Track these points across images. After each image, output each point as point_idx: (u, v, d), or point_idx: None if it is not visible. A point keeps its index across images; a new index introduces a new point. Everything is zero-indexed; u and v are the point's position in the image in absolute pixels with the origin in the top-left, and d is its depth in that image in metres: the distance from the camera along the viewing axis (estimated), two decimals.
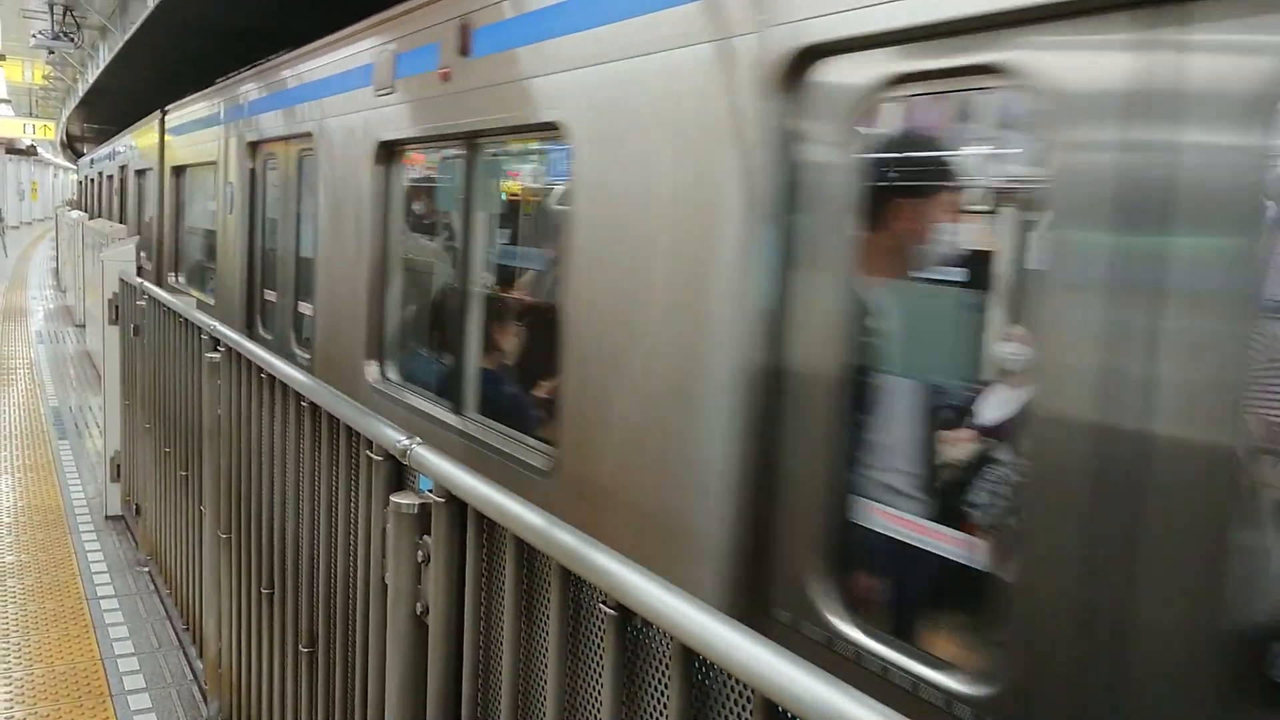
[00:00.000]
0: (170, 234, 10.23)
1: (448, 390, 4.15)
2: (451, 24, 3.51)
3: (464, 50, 3.40)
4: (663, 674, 1.47)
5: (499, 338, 4.17)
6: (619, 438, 2.79)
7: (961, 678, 1.97)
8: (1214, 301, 1.59)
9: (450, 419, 3.99)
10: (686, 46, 2.51)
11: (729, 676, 1.34)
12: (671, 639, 1.37)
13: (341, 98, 5.06)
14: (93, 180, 17.01)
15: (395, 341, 4.79)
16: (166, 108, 10.06)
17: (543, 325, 3.69)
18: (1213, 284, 1.59)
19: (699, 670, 1.38)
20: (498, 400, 4.01)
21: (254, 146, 7.07)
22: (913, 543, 2.17)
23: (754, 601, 2.33)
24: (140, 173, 12.12)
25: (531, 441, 3.51)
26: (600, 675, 1.57)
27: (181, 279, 10.06)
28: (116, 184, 11.63)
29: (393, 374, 4.69)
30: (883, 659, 2.11)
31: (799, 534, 2.27)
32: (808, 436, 2.24)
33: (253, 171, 7.17)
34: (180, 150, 9.63)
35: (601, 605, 1.52)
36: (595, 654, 1.62)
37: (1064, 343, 1.77)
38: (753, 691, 1.22)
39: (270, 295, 6.83)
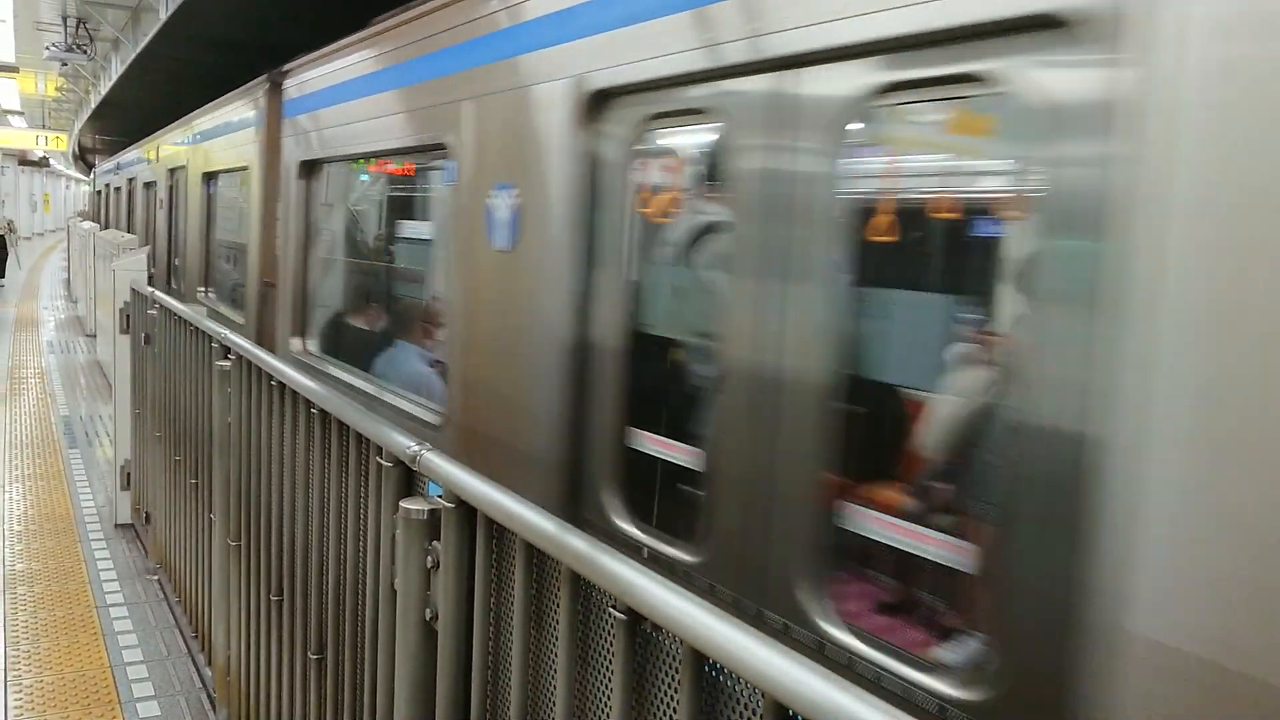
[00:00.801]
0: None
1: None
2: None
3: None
4: (673, 678, 1.47)
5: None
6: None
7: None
8: None
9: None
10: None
11: (740, 680, 1.33)
12: (681, 643, 1.37)
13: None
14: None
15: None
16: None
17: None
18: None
19: (709, 674, 1.37)
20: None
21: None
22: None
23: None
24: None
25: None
26: (610, 680, 1.57)
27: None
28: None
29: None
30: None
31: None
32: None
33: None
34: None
35: (611, 609, 1.52)
36: (605, 658, 1.62)
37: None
38: (763, 695, 1.22)
39: None
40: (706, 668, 1.37)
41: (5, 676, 4.37)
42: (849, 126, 2.34)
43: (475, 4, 3.75)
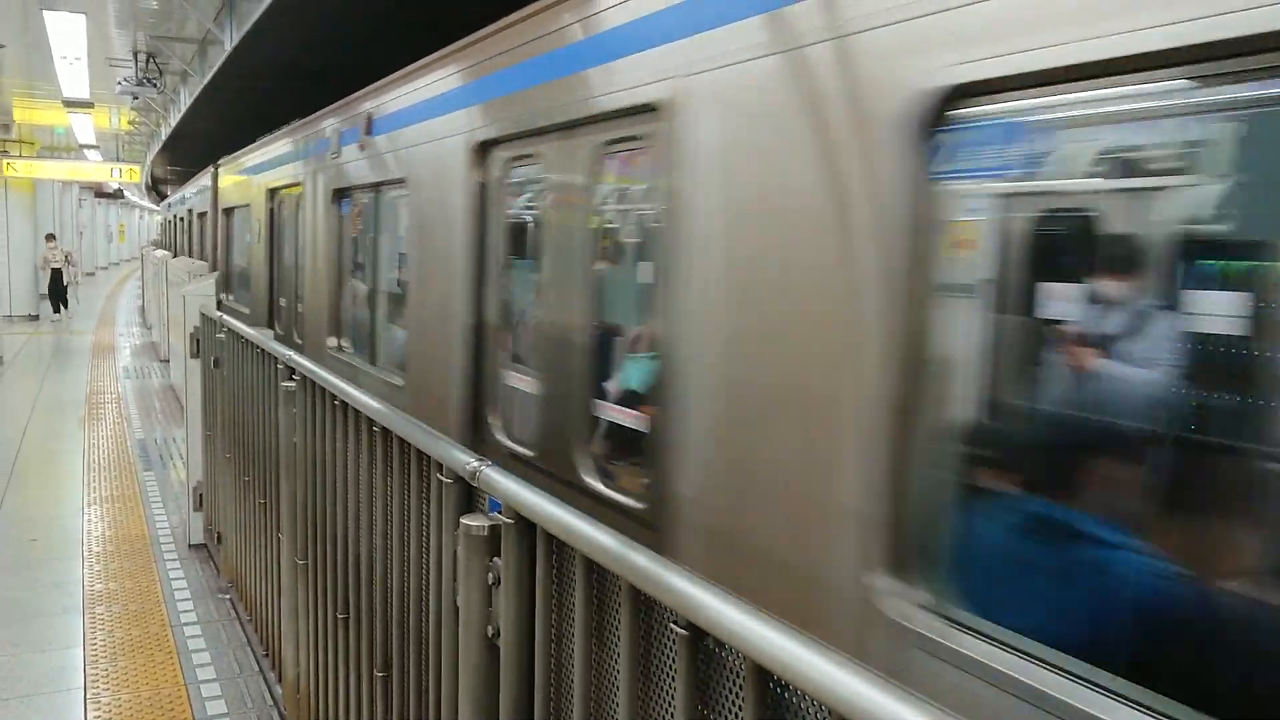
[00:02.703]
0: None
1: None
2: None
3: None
4: (736, 694, 1.44)
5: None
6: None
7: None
8: None
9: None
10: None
11: (804, 695, 1.30)
12: (745, 658, 1.34)
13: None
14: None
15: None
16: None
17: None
18: None
19: (773, 689, 1.35)
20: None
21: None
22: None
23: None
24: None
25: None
26: (672, 696, 1.55)
27: None
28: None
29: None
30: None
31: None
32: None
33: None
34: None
35: (673, 625, 1.50)
36: (667, 674, 1.60)
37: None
38: (829, 711, 1.19)
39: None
40: (770, 684, 1.34)
41: (85, 694, 4.48)
42: None
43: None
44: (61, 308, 22.51)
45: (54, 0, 9.39)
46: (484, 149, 3.66)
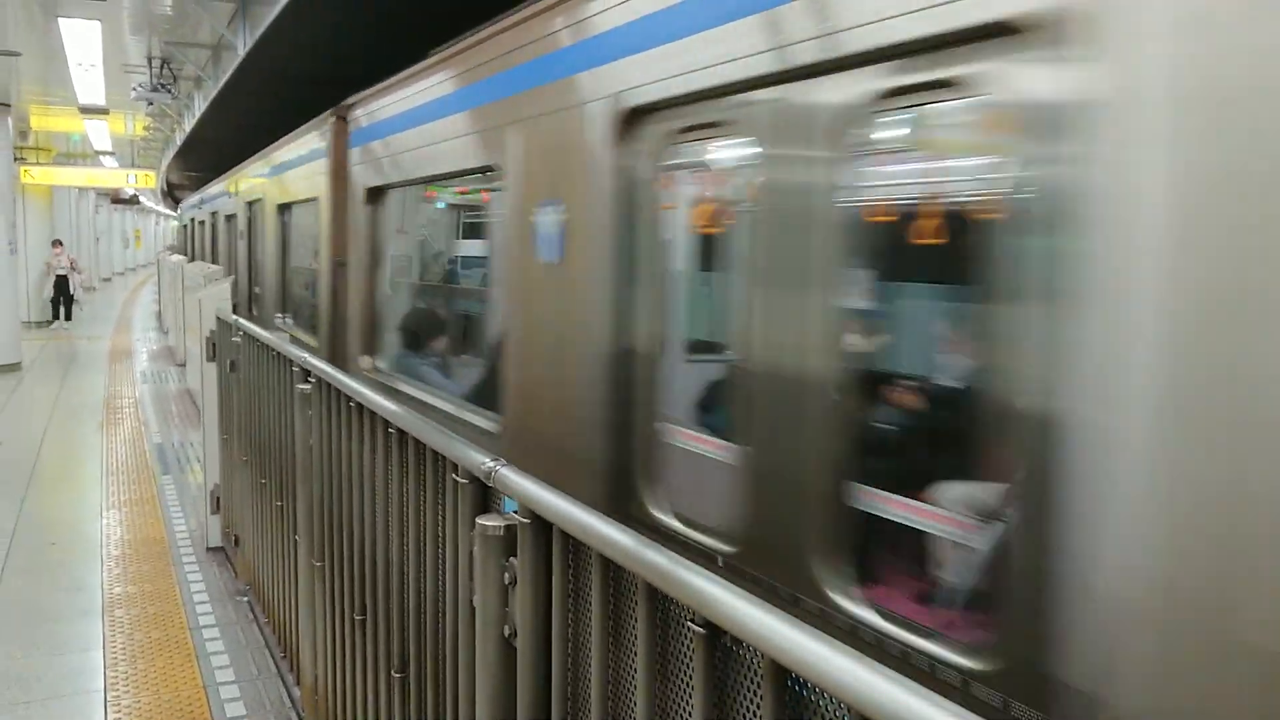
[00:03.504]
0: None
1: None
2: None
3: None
4: (755, 692, 1.43)
5: None
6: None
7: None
8: None
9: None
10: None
11: (824, 693, 1.29)
12: (763, 656, 1.33)
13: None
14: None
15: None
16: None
17: None
18: None
19: (792, 687, 1.34)
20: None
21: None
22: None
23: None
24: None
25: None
26: (690, 694, 1.54)
27: None
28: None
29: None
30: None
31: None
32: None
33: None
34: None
35: (690, 623, 1.49)
36: (685, 673, 1.59)
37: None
38: (849, 709, 1.18)
39: None
40: (789, 681, 1.34)
41: (105, 697, 4.50)
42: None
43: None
44: (63, 316, 22.27)
45: (70, 7, 9.44)
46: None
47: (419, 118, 4.81)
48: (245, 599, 5.73)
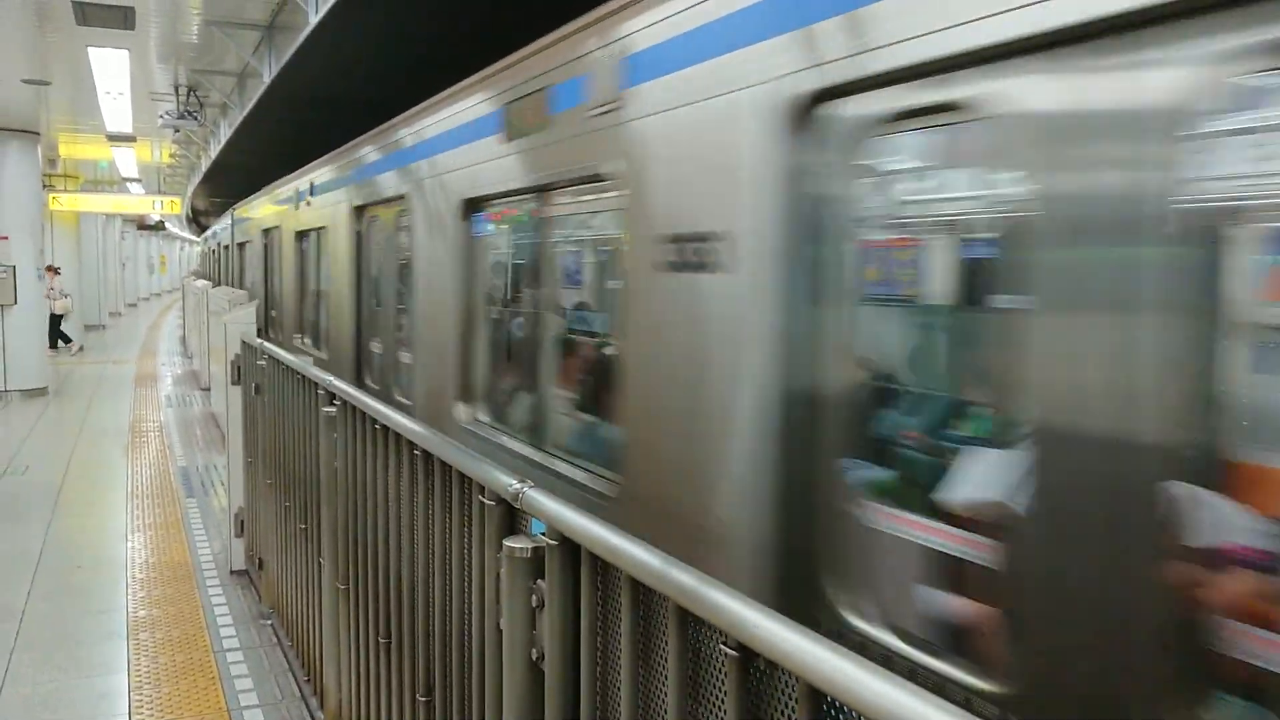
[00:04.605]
0: None
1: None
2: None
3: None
4: (789, 716, 1.41)
5: None
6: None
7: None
8: None
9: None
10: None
11: (860, 717, 1.27)
12: (798, 679, 1.31)
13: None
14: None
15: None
16: None
17: None
18: None
19: (828, 711, 1.31)
20: None
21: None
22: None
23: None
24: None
25: None
26: (722, 718, 1.52)
27: None
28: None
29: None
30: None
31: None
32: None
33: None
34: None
35: (722, 646, 1.47)
36: (717, 697, 1.57)
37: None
38: None
39: None
40: (825, 705, 1.31)
41: None
42: None
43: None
44: (60, 343, 21.43)
45: (100, 37, 9.59)
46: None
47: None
48: (269, 622, 5.73)
